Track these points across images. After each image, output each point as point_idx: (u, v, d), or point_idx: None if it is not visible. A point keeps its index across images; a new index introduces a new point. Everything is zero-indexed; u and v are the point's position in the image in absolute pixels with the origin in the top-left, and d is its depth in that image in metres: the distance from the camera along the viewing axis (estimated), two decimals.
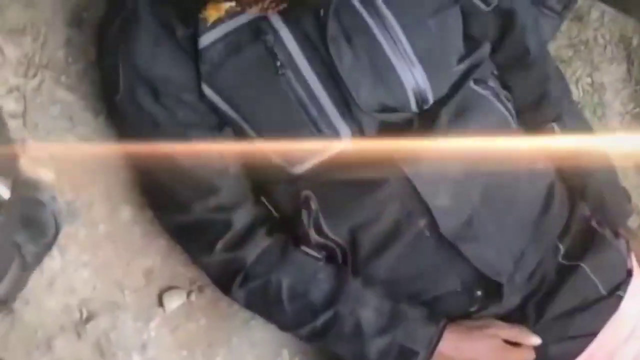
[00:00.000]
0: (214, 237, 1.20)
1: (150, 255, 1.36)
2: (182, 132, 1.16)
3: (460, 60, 1.21)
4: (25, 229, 1.25)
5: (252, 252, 1.21)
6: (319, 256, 1.22)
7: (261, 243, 1.21)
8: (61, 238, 1.31)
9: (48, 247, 1.29)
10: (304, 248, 1.22)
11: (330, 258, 1.23)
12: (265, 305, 1.24)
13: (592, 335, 1.24)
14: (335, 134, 1.14)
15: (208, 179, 1.18)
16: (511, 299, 1.25)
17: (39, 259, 1.28)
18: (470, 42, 1.24)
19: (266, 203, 1.24)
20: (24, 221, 1.25)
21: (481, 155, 1.18)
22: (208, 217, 1.19)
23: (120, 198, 1.36)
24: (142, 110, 1.16)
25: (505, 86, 1.30)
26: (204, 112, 1.16)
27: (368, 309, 1.21)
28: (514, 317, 1.25)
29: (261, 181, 1.23)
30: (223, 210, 1.19)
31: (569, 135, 1.32)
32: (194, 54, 1.13)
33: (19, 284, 1.24)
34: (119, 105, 1.18)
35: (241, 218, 1.20)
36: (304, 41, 1.12)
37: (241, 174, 1.21)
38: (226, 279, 1.23)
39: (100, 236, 1.34)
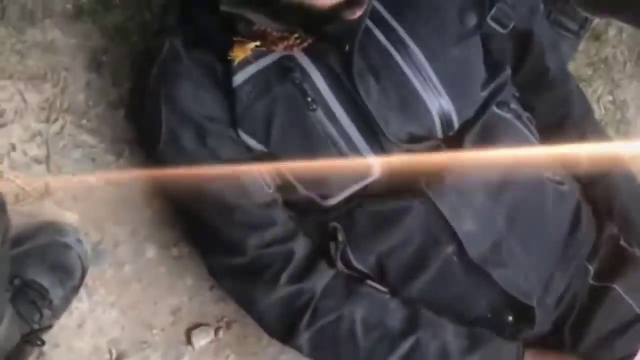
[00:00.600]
0: (276, 271, 1.16)
1: (176, 293, 1.36)
2: (229, 170, 1.14)
3: (484, 85, 1.21)
4: (52, 273, 1.25)
5: (318, 283, 1.17)
6: (382, 288, 1.20)
7: (326, 273, 1.18)
8: (88, 280, 1.32)
9: (75, 290, 1.29)
10: (370, 282, 1.19)
11: None
12: (335, 344, 1.18)
13: (632, 356, 1.22)
14: (366, 168, 1.13)
15: (261, 213, 1.16)
16: (543, 323, 1.23)
17: (66, 302, 1.28)
18: (492, 67, 1.24)
19: None
20: (50, 265, 1.25)
21: (505, 178, 1.17)
22: (266, 252, 1.16)
23: (145, 237, 1.36)
24: (185, 153, 1.14)
25: (527, 107, 1.30)
26: (245, 149, 1.15)
27: (447, 331, 1.18)
28: (550, 342, 1.23)
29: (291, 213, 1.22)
30: (281, 241, 1.17)
31: (592, 155, 1.31)
32: (231, 93, 1.13)
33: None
34: (161, 152, 1.15)
35: (301, 248, 1.18)
36: (330, 77, 1.12)
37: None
38: (291, 320, 1.17)
39: (126, 276, 1.35)
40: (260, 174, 1.15)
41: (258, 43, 1.10)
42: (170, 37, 1.14)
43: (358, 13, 1.03)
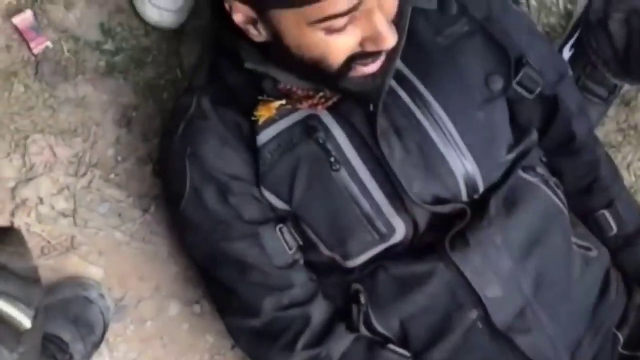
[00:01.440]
0: (293, 335, 1.16)
1: (198, 350, 1.35)
2: (250, 230, 1.14)
3: (510, 149, 1.20)
4: (74, 328, 1.25)
5: (336, 348, 1.16)
6: (406, 354, 1.18)
7: (344, 339, 1.17)
8: (109, 335, 1.31)
9: (96, 345, 1.29)
10: (392, 346, 1.18)
11: None
12: None
13: None
14: (390, 229, 1.13)
15: (280, 275, 1.16)
16: None
17: (87, 357, 1.28)
18: (518, 130, 1.23)
19: None
20: (72, 320, 1.25)
21: (532, 244, 1.16)
22: (283, 315, 1.16)
23: (167, 294, 1.36)
24: (208, 210, 1.14)
25: (554, 172, 1.29)
26: (269, 206, 1.15)
27: None
28: None
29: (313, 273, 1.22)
30: (299, 305, 1.16)
31: (621, 222, 1.29)
32: (256, 151, 1.13)
33: None
34: (185, 209, 1.16)
35: (319, 311, 1.17)
36: (354, 136, 1.12)
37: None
38: None
39: (148, 333, 1.34)
40: (282, 234, 1.15)
41: (283, 102, 1.11)
42: (199, 95, 1.16)
43: (373, 67, 1.03)
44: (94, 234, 1.35)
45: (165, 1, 1.35)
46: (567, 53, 1.50)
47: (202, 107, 1.15)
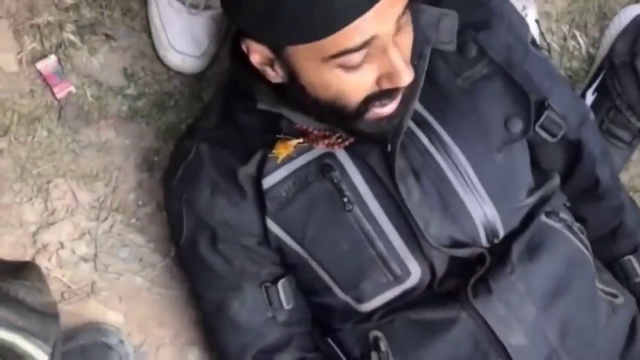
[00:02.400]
0: None
1: None
2: (236, 281, 1.17)
3: (530, 193, 1.19)
4: None
5: None
6: None
7: None
8: None
9: None
10: None
11: None
12: None
13: None
14: (405, 271, 1.12)
15: (255, 327, 1.18)
16: None
17: None
18: (539, 175, 1.22)
19: (333, 345, 1.20)
20: None
21: (556, 291, 1.14)
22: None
23: (187, 340, 1.35)
24: (200, 257, 1.18)
25: (578, 218, 1.27)
26: (260, 259, 1.17)
27: None
28: None
29: (327, 320, 1.21)
30: (267, 352, 1.18)
31: None
32: (257, 193, 1.14)
33: None
34: (183, 250, 1.22)
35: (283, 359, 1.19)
36: (370, 176, 1.11)
37: (294, 319, 1.20)
38: None
39: None
40: (267, 290, 1.17)
41: (301, 140, 1.11)
42: (200, 140, 1.17)
43: (391, 107, 1.03)
44: (114, 279, 1.35)
45: (188, 47, 1.37)
46: (590, 97, 1.49)
47: (199, 154, 1.16)
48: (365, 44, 0.93)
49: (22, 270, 1.04)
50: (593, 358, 1.17)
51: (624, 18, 1.50)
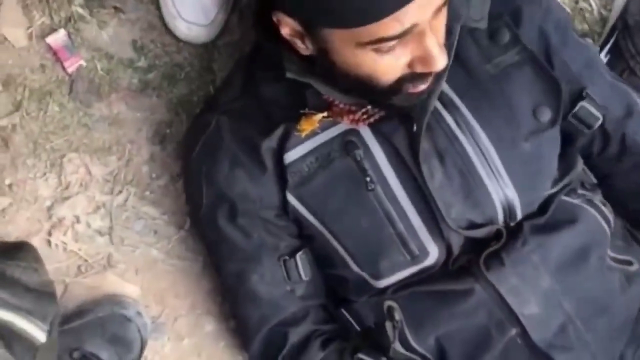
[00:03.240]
0: (276, 352, 1.20)
1: None
2: (255, 254, 1.18)
3: (555, 183, 1.18)
4: (112, 346, 1.26)
5: None
6: None
7: (314, 357, 1.19)
8: (147, 353, 1.32)
9: None
10: (361, 355, 1.18)
11: None
12: None
13: None
14: (423, 252, 1.12)
15: (273, 300, 1.19)
16: None
17: None
18: (565, 165, 1.20)
19: (347, 315, 1.21)
20: (110, 338, 1.26)
21: (573, 262, 1.14)
22: (270, 334, 1.20)
23: (203, 310, 1.37)
24: (219, 229, 1.18)
25: (603, 176, 1.26)
26: (279, 232, 1.18)
27: None
28: None
29: (342, 292, 1.22)
30: (284, 325, 1.20)
31: None
32: (277, 167, 1.14)
33: None
34: (201, 222, 1.22)
35: (298, 332, 1.20)
36: (394, 156, 1.11)
37: (311, 292, 1.21)
38: None
39: (185, 350, 1.35)
40: (285, 263, 1.18)
41: (325, 114, 1.10)
42: (220, 114, 1.17)
43: (421, 87, 1.02)
44: (130, 252, 1.36)
45: (195, 16, 1.36)
46: (603, 59, 1.48)
47: (219, 127, 1.16)
48: (404, 34, 0.92)
49: (18, 251, 1.05)
50: (608, 325, 1.17)
51: None
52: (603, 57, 1.48)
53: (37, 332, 0.95)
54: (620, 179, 1.25)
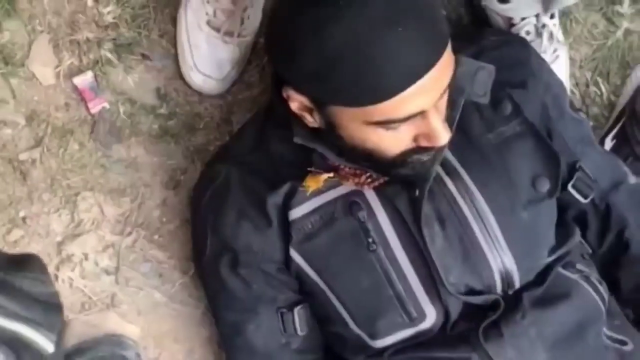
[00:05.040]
0: None
1: None
2: (253, 305, 1.19)
3: (552, 251, 1.20)
4: None
5: None
6: None
7: None
8: None
9: None
10: None
11: None
12: None
13: None
14: (421, 314, 1.14)
15: (269, 352, 1.20)
16: None
17: None
18: (562, 233, 1.23)
19: None
20: None
21: (567, 338, 1.15)
22: None
23: (200, 356, 1.38)
24: (220, 278, 1.20)
25: (611, 278, 1.28)
26: (279, 285, 1.19)
27: None
28: None
29: (339, 350, 1.23)
30: None
31: None
32: (282, 223, 1.16)
33: None
34: (204, 269, 1.24)
35: None
36: (396, 219, 1.13)
37: (307, 346, 1.22)
38: None
39: None
40: (282, 317, 1.19)
41: (331, 174, 1.13)
42: (230, 166, 1.20)
43: (425, 159, 1.05)
44: (134, 293, 1.37)
45: (210, 69, 1.40)
46: (608, 144, 1.50)
47: (228, 178, 1.19)
48: (411, 117, 0.97)
49: (25, 262, 1.07)
50: None
51: None
52: (609, 141, 1.51)
53: (46, 343, 0.97)
54: (626, 286, 1.29)
